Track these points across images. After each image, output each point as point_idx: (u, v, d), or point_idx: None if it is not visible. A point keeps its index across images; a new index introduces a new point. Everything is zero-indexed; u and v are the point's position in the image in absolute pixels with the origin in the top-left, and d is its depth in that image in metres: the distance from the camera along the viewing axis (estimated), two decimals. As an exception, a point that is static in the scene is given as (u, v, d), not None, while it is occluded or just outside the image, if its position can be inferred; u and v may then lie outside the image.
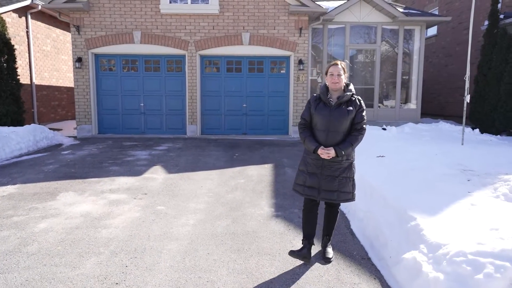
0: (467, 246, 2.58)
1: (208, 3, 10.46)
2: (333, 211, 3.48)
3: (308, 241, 3.38)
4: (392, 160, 5.46)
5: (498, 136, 9.76)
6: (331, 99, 3.22)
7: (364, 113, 3.24)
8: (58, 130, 11.64)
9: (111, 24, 10.54)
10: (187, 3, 10.49)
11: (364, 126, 3.23)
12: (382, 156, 5.77)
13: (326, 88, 3.30)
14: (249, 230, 4.12)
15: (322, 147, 3.16)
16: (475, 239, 2.66)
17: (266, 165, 7.27)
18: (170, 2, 10.48)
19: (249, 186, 5.84)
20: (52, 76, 13.62)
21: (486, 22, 11.51)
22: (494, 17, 11.06)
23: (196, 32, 10.63)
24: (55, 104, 13.88)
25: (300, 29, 10.62)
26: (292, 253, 3.33)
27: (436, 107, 15.98)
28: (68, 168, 6.89)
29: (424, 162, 5.08)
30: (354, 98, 3.25)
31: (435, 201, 3.60)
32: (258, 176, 6.43)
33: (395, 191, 4.11)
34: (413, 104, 12.18)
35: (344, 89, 3.28)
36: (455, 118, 14.07)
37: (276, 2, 10.58)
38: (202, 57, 10.93)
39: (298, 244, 3.71)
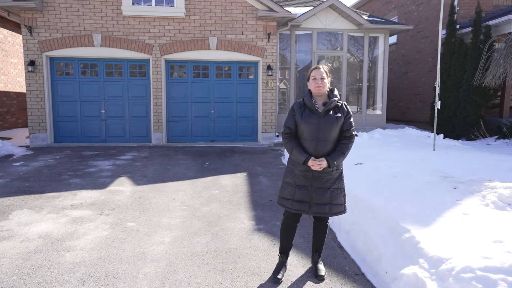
0: (473, 260, 2.46)
1: (173, 6, 10.07)
2: (322, 225, 3.27)
3: (285, 255, 3.27)
4: (371, 167, 5.38)
5: (459, 140, 10.14)
6: (317, 106, 3.01)
7: (352, 119, 3.08)
8: (7, 139, 10.69)
9: (68, 26, 9.84)
10: (151, 5, 10.03)
11: (353, 133, 3.08)
12: (360, 164, 5.69)
13: (310, 93, 3.10)
14: (231, 246, 3.83)
15: (312, 158, 2.94)
16: (479, 252, 2.55)
17: (239, 174, 6.99)
18: (133, 4, 9.97)
19: (225, 197, 5.54)
20: (-1, 80, 12.54)
21: (444, 32, 12.01)
22: (452, 27, 11.56)
23: (161, 36, 10.18)
24: (3, 111, 12.77)
25: (269, 34, 10.49)
26: (275, 278, 3.13)
27: (397, 112, 16.50)
28: (22, 181, 6.23)
29: (404, 168, 5.04)
30: (340, 104, 3.07)
31: (425, 210, 3.51)
32: (233, 186, 6.14)
33: (381, 200, 3.99)
34: (379, 110, 12.42)
35: (328, 95, 3.10)
36: (415, 123, 14.57)
37: (244, 7, 10.39)
38: (168, 62, 10.49)
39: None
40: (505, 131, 9.81)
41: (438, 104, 7.11)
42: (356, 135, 9.29)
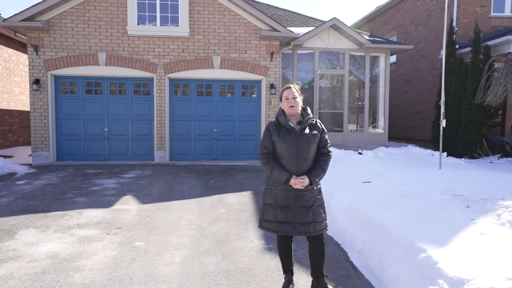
0: (497, 282, 2.42)
1: (178, 26, 10.22)
2: (319, 246, 3.11)
3: (290, 273, 3.23)
4: (379, 186, 5.36)
5: (463, 159, 10.15)
6: (291, 124, 3.00)
7: (327, 136, 3.12)
8: (9, 157, 10.65)
9: (73, 45, 9.95)
10: (156, 25, 10.18)
11: (329, 149, 3.10)
12: (368, 182, 5.67)
13: (283, 113, 3.08)
14: (243, 267, 3.76)
15: (294, 176, 2.91)
16: (502, 273, 2.52)
17: (245, 193, 6.95)
18: (138, 24, 10.12)
19: (232, 216, 5.49)
20: (2, 98, 12.58)
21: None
22: (451, 47, 11.73)
23: (165, 55, 10.29)
24: (5, 129, 12.77)
25: (272, 53, 10.63)
26: None
27: (398, 131, 16.56)
28: (26, 200, 6.16)
29: (412, 187, 5.02)
30: (314, 121, 3.09)
31: (440, 230, 3.47)
32: (239, 205, 6.10)
33: (394, 219, 3.95)
34: (380, 129, 12.48)
35: (301, 114, 3.11)
36: (416, 141, 14.60)
37: (247, 27, 10.55)
38: (172, 80, 10.58)
39: (299, 282, 3.43)
40: (508, 149, 9.84)
41: (443, 123, 7.15)
42: (360, 153, 9.30)
